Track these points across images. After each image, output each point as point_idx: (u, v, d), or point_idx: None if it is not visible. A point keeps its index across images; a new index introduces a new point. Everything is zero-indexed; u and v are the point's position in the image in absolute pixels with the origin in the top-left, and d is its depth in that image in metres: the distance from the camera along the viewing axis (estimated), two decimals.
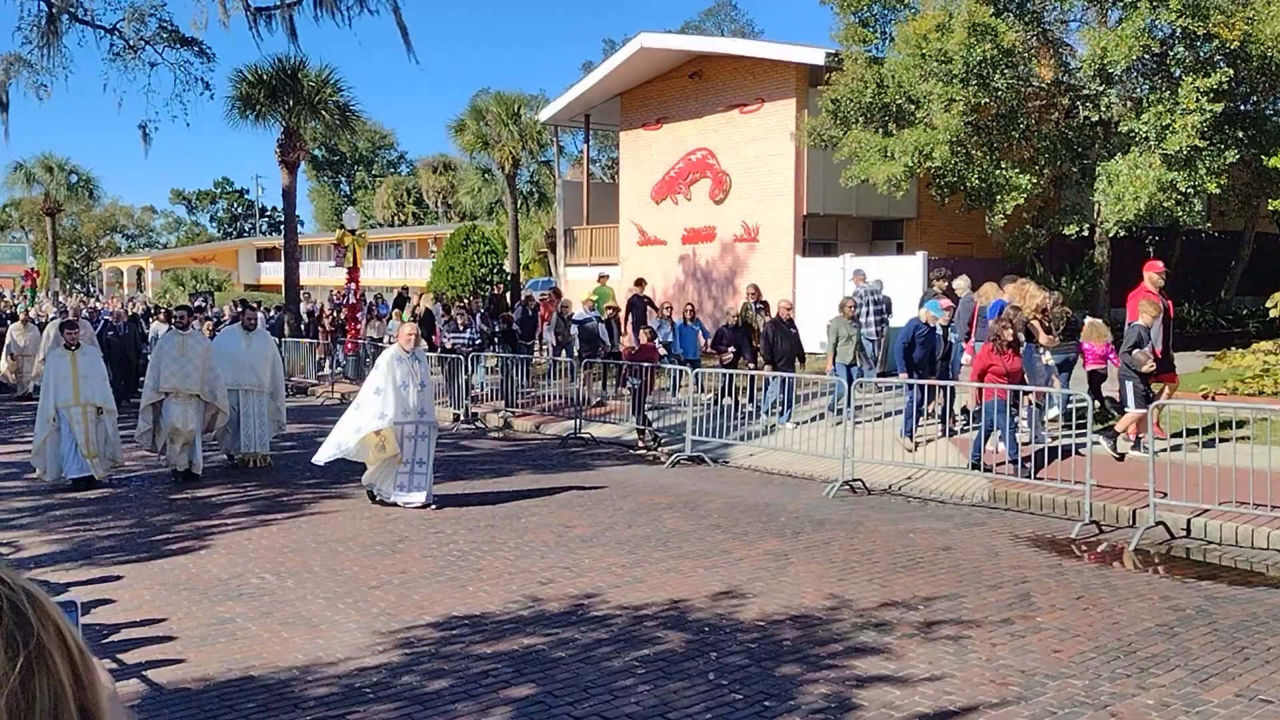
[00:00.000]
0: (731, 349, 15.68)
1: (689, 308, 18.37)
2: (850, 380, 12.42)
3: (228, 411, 12.46)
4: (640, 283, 20.45)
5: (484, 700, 5.38)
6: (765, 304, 16.72)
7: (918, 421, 12.43)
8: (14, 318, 23.98)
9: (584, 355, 17.06)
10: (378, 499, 10.31)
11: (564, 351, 18.16)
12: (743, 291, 19.70)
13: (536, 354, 19.74)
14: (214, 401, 12.14)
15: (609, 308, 18.65)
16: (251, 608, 7.08)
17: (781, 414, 14.18)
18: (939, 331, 12.75)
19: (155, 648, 6.25)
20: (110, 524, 9.78)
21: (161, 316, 23.63)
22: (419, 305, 23.14)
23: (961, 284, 14.18)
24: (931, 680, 5.60)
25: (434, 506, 10.15)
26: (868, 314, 15.69)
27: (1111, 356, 11.66)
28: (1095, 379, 11.76)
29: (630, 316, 18.77)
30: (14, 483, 11.94)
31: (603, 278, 22.40)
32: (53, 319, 25.56)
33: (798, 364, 14.84)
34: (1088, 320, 14.00)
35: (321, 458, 10.37)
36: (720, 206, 23.87)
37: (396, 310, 23.53)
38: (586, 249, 28.24)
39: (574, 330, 17.88)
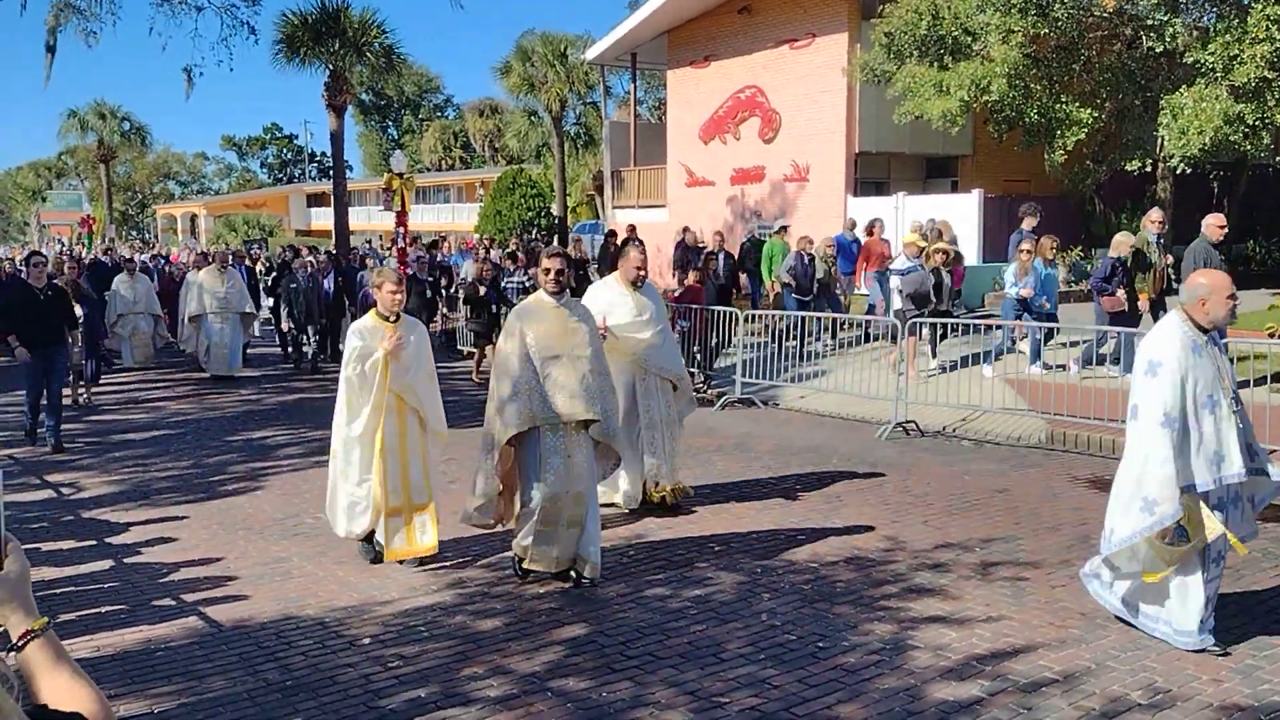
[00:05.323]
0: (1122, 290, 11.64)
1: (1053, 243, 12.96)
2: None
3: (627, 446, 7.24)
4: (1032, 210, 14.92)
5: (537, 639, 5.38)
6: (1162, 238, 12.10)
7: None
8: (119, 267, 18.38)
9: (908, 314, 12.42)
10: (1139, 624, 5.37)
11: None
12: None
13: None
14: (607, 434, 6.39)
15: (937, 251, 13.35)
16: (307, 547, 7.15)
17: None
18: None
19: (213, 586, 6.34)
20: (168, 465, 9.92)
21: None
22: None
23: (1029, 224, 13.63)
24: (989, 621, 5.51)
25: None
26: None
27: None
28: None
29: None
30: (73, 426, 12.14)
31: (783, 230, 17.87)
32: (184, 265, 21.14)
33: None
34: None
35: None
36: (770, 146, 23.49)
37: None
38: (634, 191, 28.01)
39: (894, 283, 13.65)
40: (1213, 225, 10.90)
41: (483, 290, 15.51)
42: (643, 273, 7.65)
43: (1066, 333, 12.58)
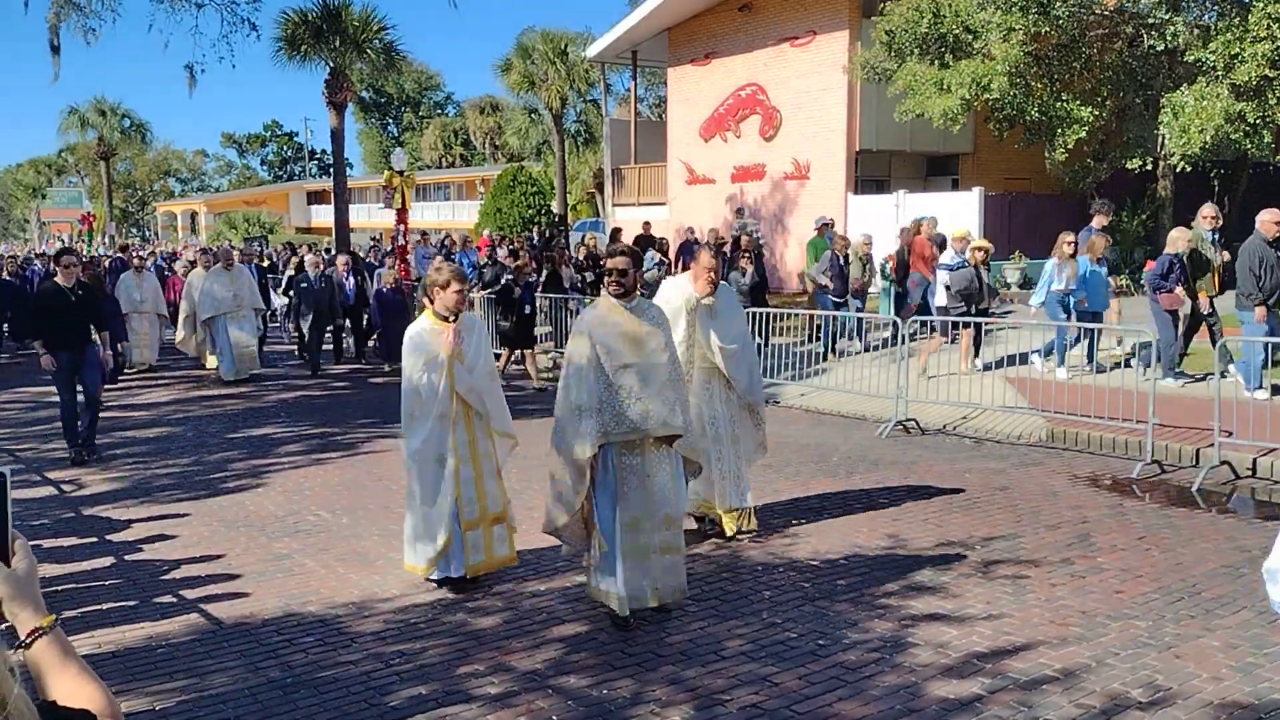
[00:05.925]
0: (1180, 289, 11.16)
1: (1106, 242, 12.72)
2: None
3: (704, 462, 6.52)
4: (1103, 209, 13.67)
5: (538, 637, 5.39)
6: (1221, 234, 11.89)
7: None
8: (128, 264, 17.91)
9: (953, 312, 12.55)
10: None
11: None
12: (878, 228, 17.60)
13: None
14: (691, 446, 5.89)
15: (977, 248, 12.88)
16: (308, 544, 7.16)
17: None
18: None
19: (215, 583, 6.34)
20: (169, 463, 9.93)
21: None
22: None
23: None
24: (989, 619, 5.52)
25: None
26: None
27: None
28: None
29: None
30: None
31: (824, 226, 17.20)
32: (194, 256, 19.24)
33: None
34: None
35: None
36: (770, 143, 23.51)
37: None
38: (634, 189, 28.02)
39: (943, 279, 13.27)
40: (1268, 222, 10.12)
41: (517, 291, 14.54)
42: (714, 276, 6.99)
43: (1122, 334, 12.42)
